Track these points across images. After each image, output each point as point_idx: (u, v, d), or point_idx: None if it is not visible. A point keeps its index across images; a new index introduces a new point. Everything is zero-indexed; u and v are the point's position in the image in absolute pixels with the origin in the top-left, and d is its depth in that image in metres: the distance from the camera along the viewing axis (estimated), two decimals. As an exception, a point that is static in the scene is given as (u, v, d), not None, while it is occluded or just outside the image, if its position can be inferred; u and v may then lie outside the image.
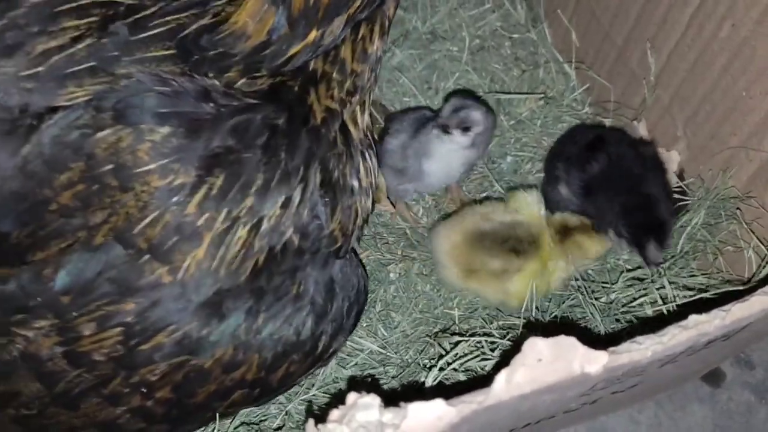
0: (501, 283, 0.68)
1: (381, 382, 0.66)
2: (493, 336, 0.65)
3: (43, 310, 0.47)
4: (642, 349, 0.40)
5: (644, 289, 0.66)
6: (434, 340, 0.68)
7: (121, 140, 0.45)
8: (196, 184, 0.46)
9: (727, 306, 0.42)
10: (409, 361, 0.68)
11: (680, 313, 0.49)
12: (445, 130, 0.72)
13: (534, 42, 0.89)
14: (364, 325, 0.74)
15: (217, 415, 0.57)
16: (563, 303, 0.67)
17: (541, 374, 0.39)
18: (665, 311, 0.61)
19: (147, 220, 0.45)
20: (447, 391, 0.54)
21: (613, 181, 0.66)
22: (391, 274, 0.78)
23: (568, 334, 0.41)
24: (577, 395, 0.49)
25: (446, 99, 0.75)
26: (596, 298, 0.65)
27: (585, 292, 0.65)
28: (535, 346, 0.39)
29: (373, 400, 0.40)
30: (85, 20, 0.47)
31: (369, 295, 0.76)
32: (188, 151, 0.46)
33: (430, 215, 0.83)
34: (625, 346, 0.41)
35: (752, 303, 0.42)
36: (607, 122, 0.80)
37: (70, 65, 0.45)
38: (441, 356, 0.62)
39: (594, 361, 0.39)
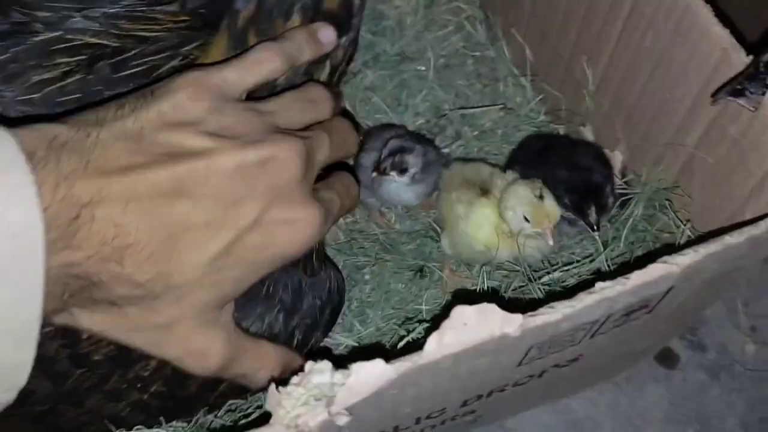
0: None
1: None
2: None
3: None
4: (554, 312, 0.47)
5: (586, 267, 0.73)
6: (401, 326, 0.75)
7: None
8: None
9: (630, 274, 0.48)
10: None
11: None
12: (383, 172, 0.79)
13: (493, 59, 0.96)
14: (341, 322, 0.80)
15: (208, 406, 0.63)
16: (511, 285, 0.74)
17: (466, 336, 0.46)
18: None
19: None
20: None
21: (559, 171, 0.74)
22: (366, 276, 0.85)
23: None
24: (514, 363, 0.55)
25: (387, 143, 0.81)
26: (538, 278, 0.72)
27: (529, 272, 0.72)
28: (462, 312, 0.46)
29: (326, 365, 0.47)
30: (76, 58, 0.54)
31: (347, 294, 0.83)
32: None
33: (402, 221, 0.90)
34: (540, 310, 0.47)
35: (650, 270, 0.48)
36: (561, 128, 0.88)
37: (61, 95, 0.53)
38: (402, 337, 0.70)
39: (511, 323, 0.46)
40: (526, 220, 0.71)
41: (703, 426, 0.86)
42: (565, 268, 0.73)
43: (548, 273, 0.73)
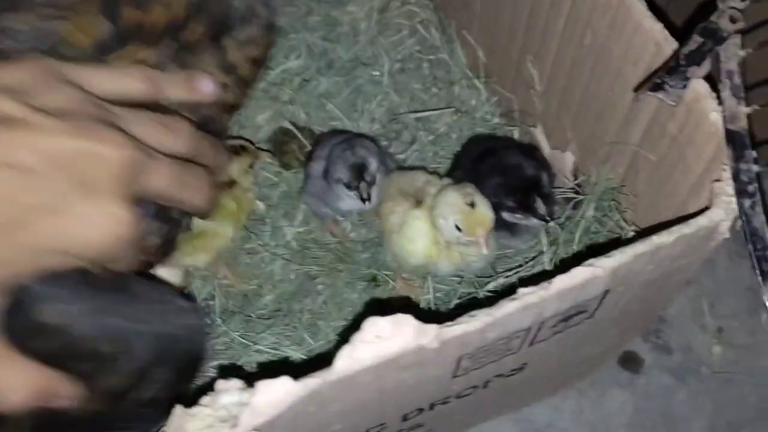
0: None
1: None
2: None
3: None
4: (473, 321, 0.45)
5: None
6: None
7: None
8: None
9: (552, 279, 0.46)
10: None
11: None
12: (367, 198, 0.75)
13: (448, 62, 0.95)
14: (289, 335, 0.78)
15: None
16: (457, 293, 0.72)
17: (380, 349, 0.44)
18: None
19: None
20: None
21: (493, 178, 0.72)
22: (319, 286, 0.83)
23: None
24: (447, 375, 0.53)
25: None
26: (485, 284, 0.70)
27: (474, 280, 0.70)
28: (375, 324, 0.44)
29: (234, 384, 0.45)
30: None
31: (298, 304, 0.81)
32: None
33: (357, 230, 0.88)
34: (459, 320, 0.45)
35: (574, 275, 0.46)
36: (514, 130, 0.86)
37: None
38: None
39: (425, 334, 0.44)
40: (458, 229, 0.68)
41: (669, 430, 0.84)
42: (513, 272, 0.72)
43: (494, 279, 0.71)
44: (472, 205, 0.67)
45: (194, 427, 0.43)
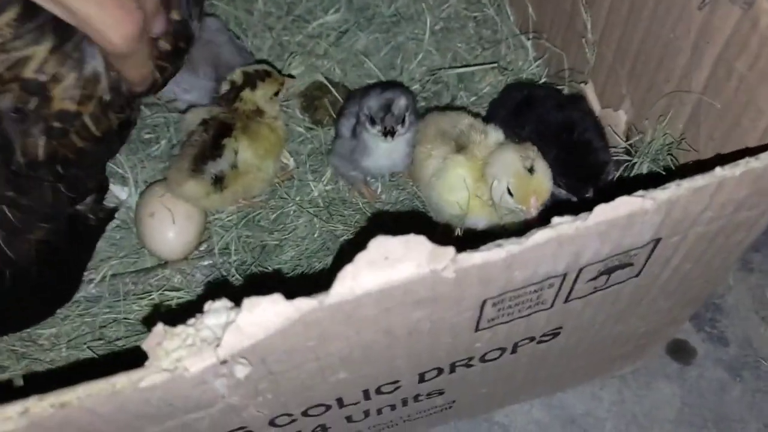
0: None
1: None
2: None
3: None
4: (497, 249, 0.39)
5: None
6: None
7: None
8: None
9: (594, 209, 0.40)
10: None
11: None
12: (390, 132, 0.70)
13: (495, 20, 0.88)
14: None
15: None
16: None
17: (387, 272, 0.38)
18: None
19: None
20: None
21: (544, 139, 0.65)
22: (343, 246, 0.78)
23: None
24: (468, 324, 0.47)
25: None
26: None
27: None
28: (383, 243, 0.38)
29: (224, 303, 0.39)
30: None
31: (318, 263, 0.76)
32: None
33: (388, 192, 0.82)
34: (482, 247, 0.39)
35: (617, 205, 0.40)
36: (563, 89, 0.79)
37: None
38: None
39: (441, 257, 0.38)
40: (510, 193, 0.62)
41: (721, 430, 0.75)
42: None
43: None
44: (531, 170, 0.60)
45: (172, 345, 0.38)
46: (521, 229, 0.53)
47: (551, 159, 0.64)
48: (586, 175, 0.66)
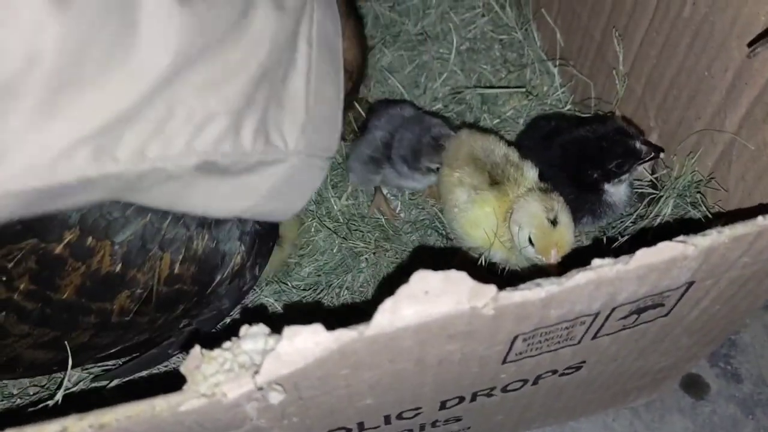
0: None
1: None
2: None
3: None
4: (537, 289, 0.39)
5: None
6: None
7: None
8: None
9: (636, 252, 0.40)
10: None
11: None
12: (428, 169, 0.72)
13: (522, 43, 0.89)
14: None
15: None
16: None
17: (427, 306, 0.38)
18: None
19: None
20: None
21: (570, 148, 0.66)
22: (362, 264, 0.78)
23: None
24: (497, 357, 0.47)
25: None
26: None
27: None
28: (424, 278, 0.38)
29: (261, 329, 0.39)
30: None
31: (337, 279, 0.76)
32: None
33: (407, 210, 0.82)
34: (521, 286, 0.39)
35: (659, 249, 0.40)
36: (589, 118, 0.79)
37: None
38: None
39: (482, 295, 0.38)
40: (531, 243, 0.61)
41: (732, 466, 0.75)
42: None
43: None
44: (554, 222, 0.60)
45: (210, 369, 0.38)
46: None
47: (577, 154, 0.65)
48: (623, 154, 0.64)
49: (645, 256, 0.40)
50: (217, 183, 0.49)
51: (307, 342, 0.37)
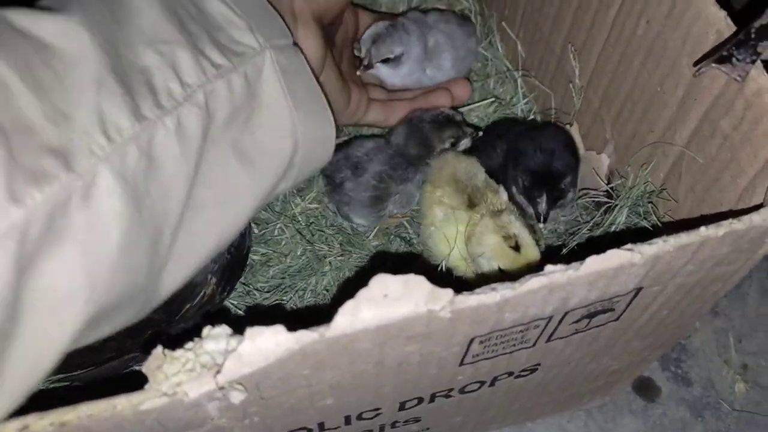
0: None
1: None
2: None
3: None
4: (492, 293, 0.40)
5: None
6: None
7: None
8: None
9: (587, 259, 0.42)
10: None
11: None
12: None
13: (486, 55, 0.91)
14: (288, 312, 0.74)
15: None
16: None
17: (386, 310, 0.39)
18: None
19: None
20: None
21: (524, 145, 0.68)
22: (325, 267, 0.79)
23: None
24: (454, 359, 0.48)
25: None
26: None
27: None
28: (383, 281, 0.40)
29: (223, 330, 0.40)
30: None
31: (302, 282, 0.77)
32: None
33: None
34: (477, 290, 0.41)
35: (608, 257, 0.42)
36: (548, 129, 0.82)
37: None
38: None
39: (439, 299, 0.39)
40: (502, 271, 0.63)
41: (681, 467, 0.78)
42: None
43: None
44: (516, 248, 0.62)
45: (172, 369, 0.38)
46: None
47: (520, 155, 0.69)
48: (541, 178, 0.68)
49: (594, 263, 0.42)
50: (249, 135, 0.50)
51: (269, 342, 0.38)
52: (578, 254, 0.66)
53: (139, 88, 0.44)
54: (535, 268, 0.64)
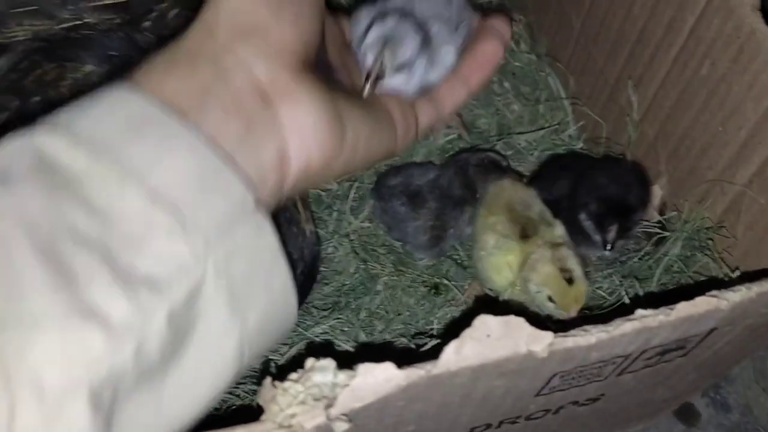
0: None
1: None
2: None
3: None
4: (587, 335, 0.42)
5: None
6: (410, 340, 0.70)
7: (46, 75, 0.48)
8: None
9: (675, 305, 0.44)
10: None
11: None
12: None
13: (535, 79, 0.93)
14: (345, 330, 0.76)
15: None
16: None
17: (488, 349, 0.41)
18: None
19: None
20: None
21: (597, 176, 0.71)
22: (379, 286, 0.80)
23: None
24: (533, 391, 0.50)
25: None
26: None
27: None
28: (485, 322, 0.42)
29: (329, 363, 0.42)
30: None
31: (356, 301, 0.79)
32: None
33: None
34: (572, 332, 0.43)
35: (697, 303, 0.44)
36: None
37: (15, 5, 0.49)
38: (410, 351, 0.65)
39: (539, 341, 0.41)
40: (551, 300, 0.65)
41: (720, 492, 0.80)
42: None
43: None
44: (570, 280, 0.64)
45: (285, 401, 0.40)
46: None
47: (592, 184, 0.70)
48: (615, 208, 0.69)
49: (684, 308, 0.44)
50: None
51: (379, 379, 0.40)
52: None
53: None
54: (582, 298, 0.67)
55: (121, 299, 0.30)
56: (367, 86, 0.50)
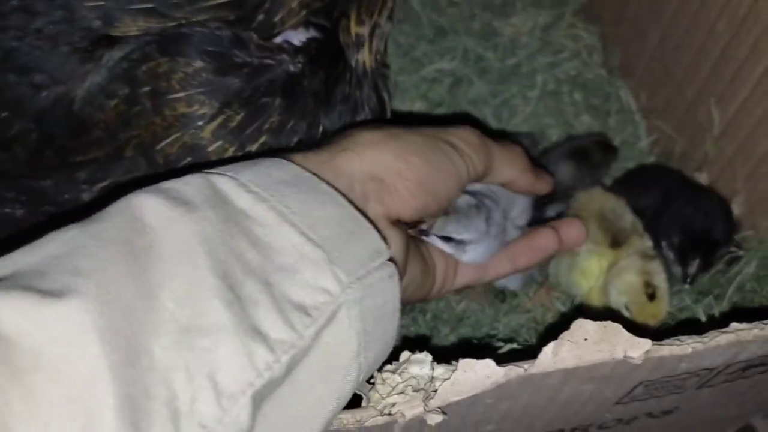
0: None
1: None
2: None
3: (68, 204, 0.53)
4: (683, 345, 0.43)
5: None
6: (479, 342, 0.71)
7: (159, 67, 0.50)
8: (215, 114, 0.50)
9: (770, 320, 0.44)
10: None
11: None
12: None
13: (607, 92, 0.93)
14: (411, 329, 0.77)
15: None
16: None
17: (585, 352, 0.42)
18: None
19: (168, 140, 0.50)
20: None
21: (684, 206, 0.70)
22: (443, 289, 0.81)
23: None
24: (615, 398, 0.51)
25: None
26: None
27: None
28: (583, 325, 0.42)
29: (426, 357, 0.44)
30: None
31: (420, 303, 0.80)
32: (215, 86, 0.50)
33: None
34: (667, 341, 0.43)
35: (794, 320, 0.44)
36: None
37: (132, 3, 0.50)
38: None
39: (637, 347, 0.42)
40: (627, 309, 0.65)
41: None
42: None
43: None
44: (651, 296, 0.64)
45: (385, 390, 0.42)
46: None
47: (679, 214, 0.70)
48: (701, 242, 0.69)
49: (781, 324, 0.44)
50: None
51: (479, 374, 0.41)
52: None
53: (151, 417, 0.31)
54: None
55: (278, 321, 0.35)
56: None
